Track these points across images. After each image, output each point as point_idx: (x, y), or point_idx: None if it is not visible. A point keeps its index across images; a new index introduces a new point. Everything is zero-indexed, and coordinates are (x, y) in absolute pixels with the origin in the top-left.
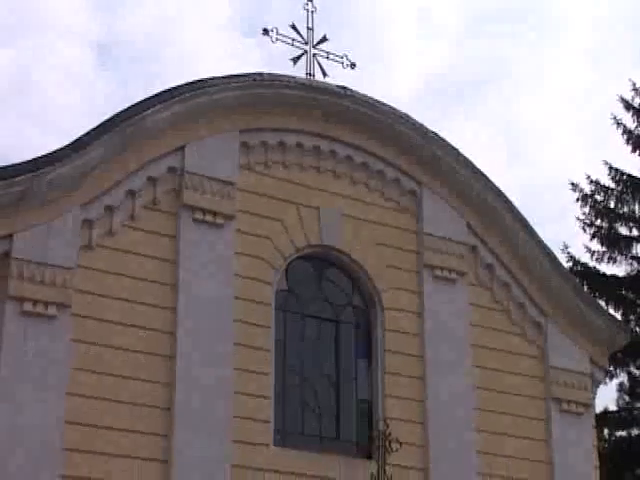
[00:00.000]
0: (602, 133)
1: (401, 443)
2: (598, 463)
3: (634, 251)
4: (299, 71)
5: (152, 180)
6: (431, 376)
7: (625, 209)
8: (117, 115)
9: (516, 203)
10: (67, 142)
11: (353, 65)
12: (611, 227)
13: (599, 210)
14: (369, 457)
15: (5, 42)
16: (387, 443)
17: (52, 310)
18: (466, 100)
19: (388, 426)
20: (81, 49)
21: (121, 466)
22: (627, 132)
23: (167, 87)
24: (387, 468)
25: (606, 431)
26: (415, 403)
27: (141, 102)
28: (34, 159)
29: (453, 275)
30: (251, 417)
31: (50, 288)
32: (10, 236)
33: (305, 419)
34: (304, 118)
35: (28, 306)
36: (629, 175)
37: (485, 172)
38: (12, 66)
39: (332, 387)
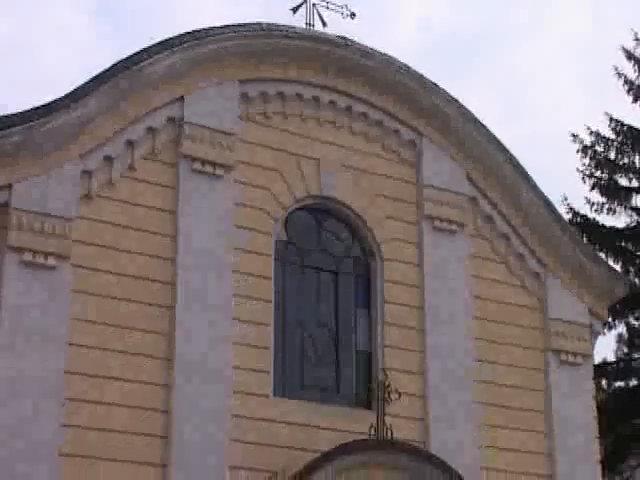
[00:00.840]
0: (603, 84)
1: (400, 393)
2: (596, 413)
3: (634, 202)
4: (299, 21)
5: (151, 130)
6: (430, 327)
7: (625, 160)
8: (115, 65)
9: (516, 155)
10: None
11: (353, 15)
12: (611, 178)
13: (599, 161)
14: (368, 407)
15: None
16: (386, 393)
17: (52, 261)
18: (466, 52)
19: (387, 377)
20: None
21: (122, 415)
22: (628, 83)
23: (166, 37)
24: (386, 418)
25: (604, 382)
26: (414, 354)
27: (140, 52)
28: (32, 109)
29: (453, 226)
30: (251, 368)
31: (50, 239)
32: (9, 186)
33: (305, 370)
34: (303, 68)
35: (28, 256)
36: (629, 126)
37: (485, 123)
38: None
39: (332, 338)
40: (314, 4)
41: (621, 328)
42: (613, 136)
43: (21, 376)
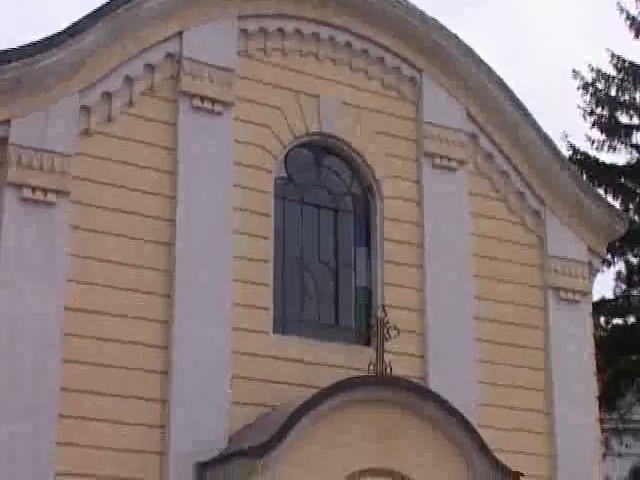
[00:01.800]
0: (605, 21)
1: (399, 330)
2: (595, 350)
3: (634, 139)
4: None
5: (150, 67)
6: (430, 264)
7: (626, 97)
8: (114, 0)
9: (517, 92)
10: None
11: None
12: (612, 115)
13: (600, 98)
14: (367, 344)
15: None
16: (385, 330)
17: (51, 197)
18: None
19: (386, 313)
20: None
21: (122, 351)
22: (630, 19)
23: None
24: (385, 355)
25: (603, 319)
26: (413, 291)
27: None
28: (30, 44)
29: (452, 164)
30: (251, 304)
31: (49, 175)
32: (7, 122)
33: (304, 306)
34: (302, 4)
35: (27, 192)
36: (631, 62)
37: (485, 60)
38: None
39: (331, 275)
40: None
41: (620, 265)
42: (614, 73)
43: (21, 311)
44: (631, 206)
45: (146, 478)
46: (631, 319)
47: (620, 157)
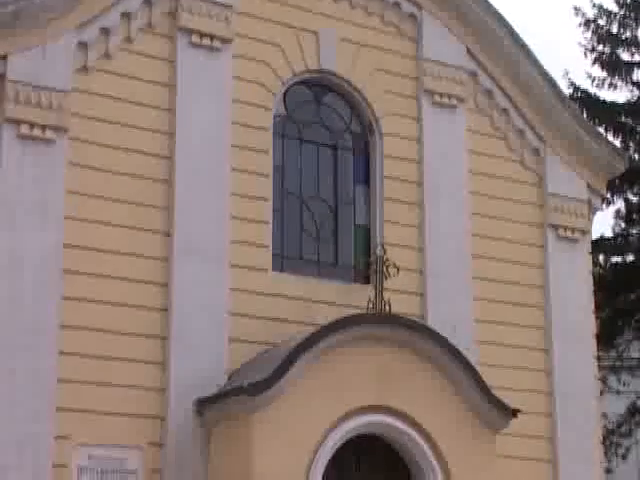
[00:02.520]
0: None
1: (399, 268)
2: (593, 288)
3: (635, 77)
4: None
5: (148, 2)
6: (429, 202)
7: (628, 34)
8: None
9: (517, 29)
10: None
11: None
12: (613, 52)
13: (601, 35)
14: (367, 282)
15: None
16: (385, 268)
17: (49, 134)
18: None
19: (386, 251)
20: None
21: (122, 288)
22: None
23: None
24: (384, 293)
25: (602, 257)
26: (413, 229)
27: None
28: None
29: (452, 101)
30: (250, 242)
31: (47, 111)
32: (4, 58)
33: (303, 244)
34: None
35: (25, 129)
36: None
37: None
38: None
39: (331, 213)
40: None
41: (619, 204)
42: (616, 9)
43: (20, 249)
44: (631, 144)
45: (146, 414)
46: (630, 257)
47: (621, 95)
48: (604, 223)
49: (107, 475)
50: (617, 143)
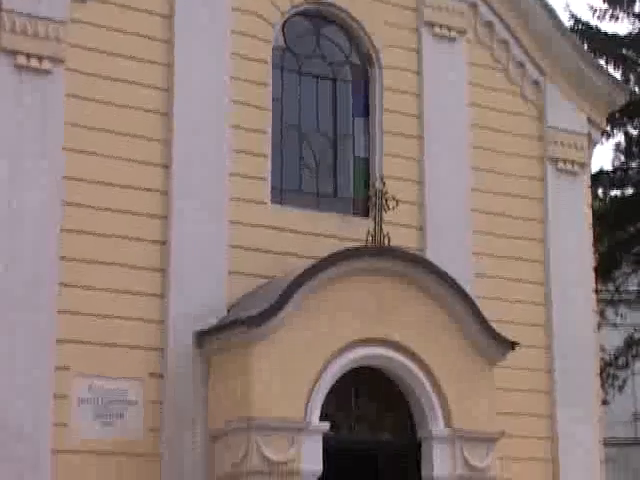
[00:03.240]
0: None
1: (398, 201)
2: (592, 222)
3: (637, 9)
4: None
5: None
6: (429, 135)
7: None
8: None
9: None
10: None
11: None
12: None
13: None
14: (366, 215)
15: None
16: (384, 201)
17: (46, 64)
18: None
19: (385, 184)
20: None
21: (121, 221)
22: None
23: None
24: (384, 226)
25: (601, 191)
26: (412, 162)
27: None
28: None
29: (453, 33)
30: (249, 175)
31: (43, 42)
32: None
33: (302, 177)
34: None
35: (22, 60)
36: None
37: None
38: None
39: (330, 145)
40: None
41: (619, 137)
42: None
43: (18, 182)
44: (632, 77)
45: (146, 346)
46: (629, 191)
47: (622, 27)
48: (604, 156)
49: (107, 406)
50: (618, 76)
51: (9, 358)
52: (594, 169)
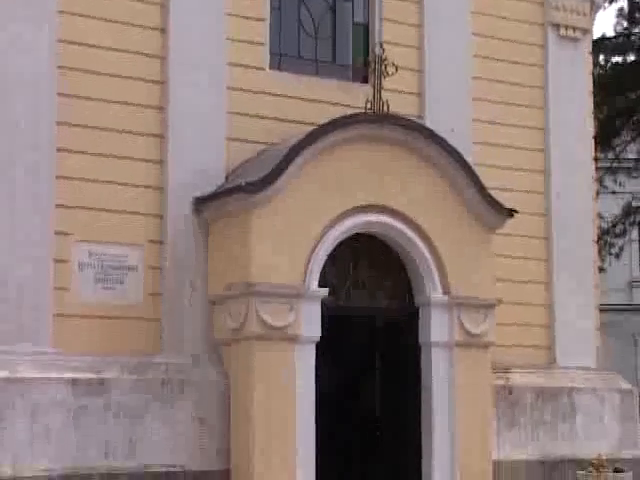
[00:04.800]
0: None
1: (397, 67)
2: (592, 89)
3: None
4: None
5: None
6: (429, 0)
7: None
8: None
9: None
10: None
11: None
12: None
13: None
14: (365, 81)
15: None
16: (383, 67)
17: None
18: None
19: (384, 50)
20: None
21: (119, 86)
22: None
23: None
24: (383, 92)
25: (602, 57)
26: (412, 27)
27: None
28: None
29: None
30: (247, 40)
31: None
32: None
33: (301, 43)
34: None
35: None
36: None
37: None
38: None
39: (329, 10)
40: None
41: (622, 2)
42: None
43: (11, 43)
44: None
45: (145, 212)
46: (631, 57)
47: None
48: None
49: (107, 271)
50: None
51: (9, 224)
52: (595, 35)
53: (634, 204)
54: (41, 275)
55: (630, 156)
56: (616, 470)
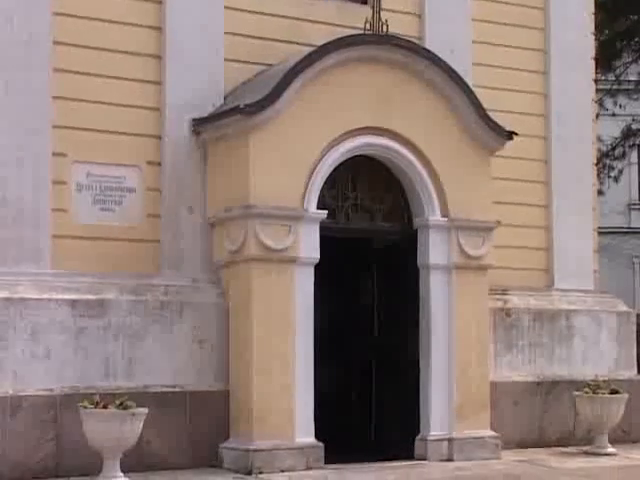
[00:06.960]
0: None
1: None
2: (593, 10)
3: None
4: None
5: None
6: None
7: None
8: None
9: None
10: None
11: None
12: None
13: None
14: (364, 2)
15: None
16: None
17: None
18: None
19: None
20: None
21: (115, 4)
22: None
23: None
24: (382, 13)
25: None
26: None
27: None
28: None
29: None
30: None
31: None
32: None
33: None
34: None
35: None
36: None
37: None
38: None
39: None
40: None
41: None
42: None
43: None
44: None
45: (143, 134)
46: None
47: None
48: None
49: (106, 192)
50: None
51: (6, 147)
52: None
53: (634, 126)
54: (40, 197)
55: (631, 78)
56: (612, 391)
